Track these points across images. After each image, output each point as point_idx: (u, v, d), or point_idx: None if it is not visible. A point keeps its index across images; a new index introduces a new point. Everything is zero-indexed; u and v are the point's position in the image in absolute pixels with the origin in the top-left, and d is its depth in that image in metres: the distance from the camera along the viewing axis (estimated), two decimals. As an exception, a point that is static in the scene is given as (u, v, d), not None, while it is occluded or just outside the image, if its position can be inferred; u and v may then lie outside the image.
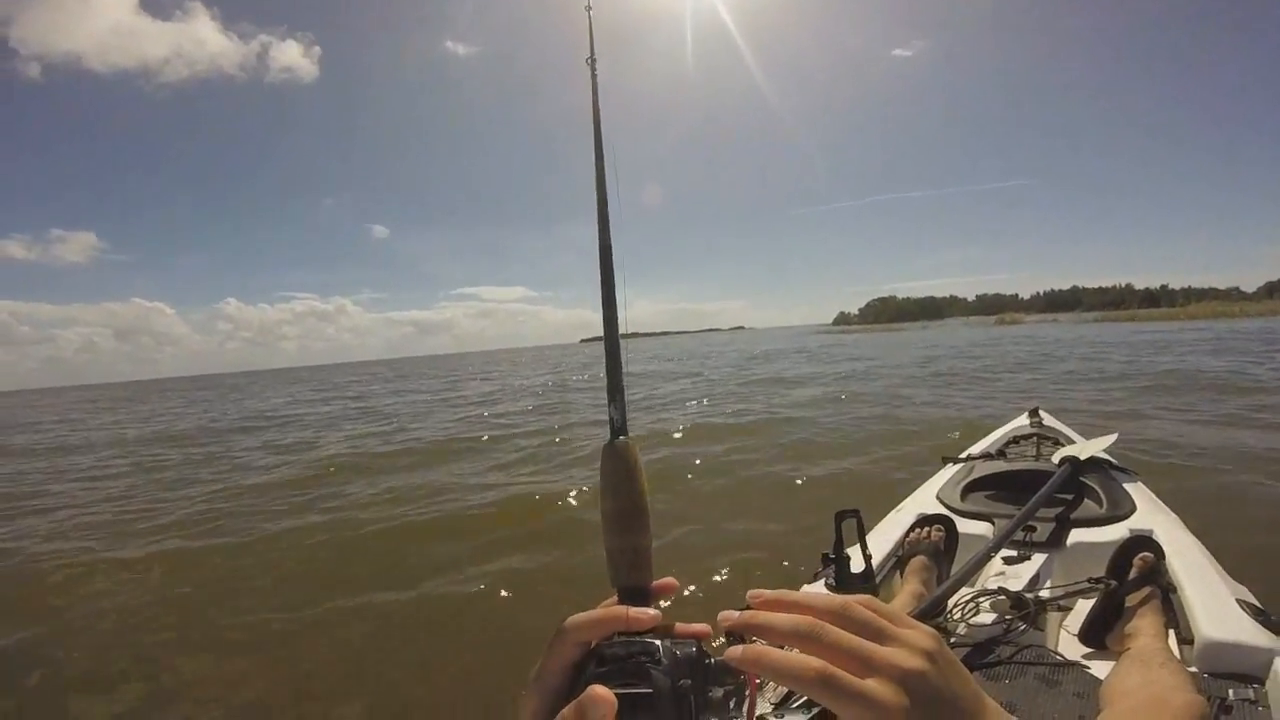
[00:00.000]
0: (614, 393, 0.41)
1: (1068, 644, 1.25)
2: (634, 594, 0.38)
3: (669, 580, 0.40)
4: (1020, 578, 1.44)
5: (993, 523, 1.72)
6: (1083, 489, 1.90)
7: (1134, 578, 1.23)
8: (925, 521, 1.68)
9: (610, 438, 0.40)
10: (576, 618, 0.35)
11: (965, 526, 1.69)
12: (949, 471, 2.27)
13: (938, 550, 1.55)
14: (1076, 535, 1.62)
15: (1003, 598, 1.30)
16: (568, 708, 0.31)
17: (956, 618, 1.27)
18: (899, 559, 1.58)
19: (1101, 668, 1.08)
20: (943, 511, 1.80)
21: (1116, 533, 1.55)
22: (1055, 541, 1.61)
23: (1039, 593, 1.35)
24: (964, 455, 2.44)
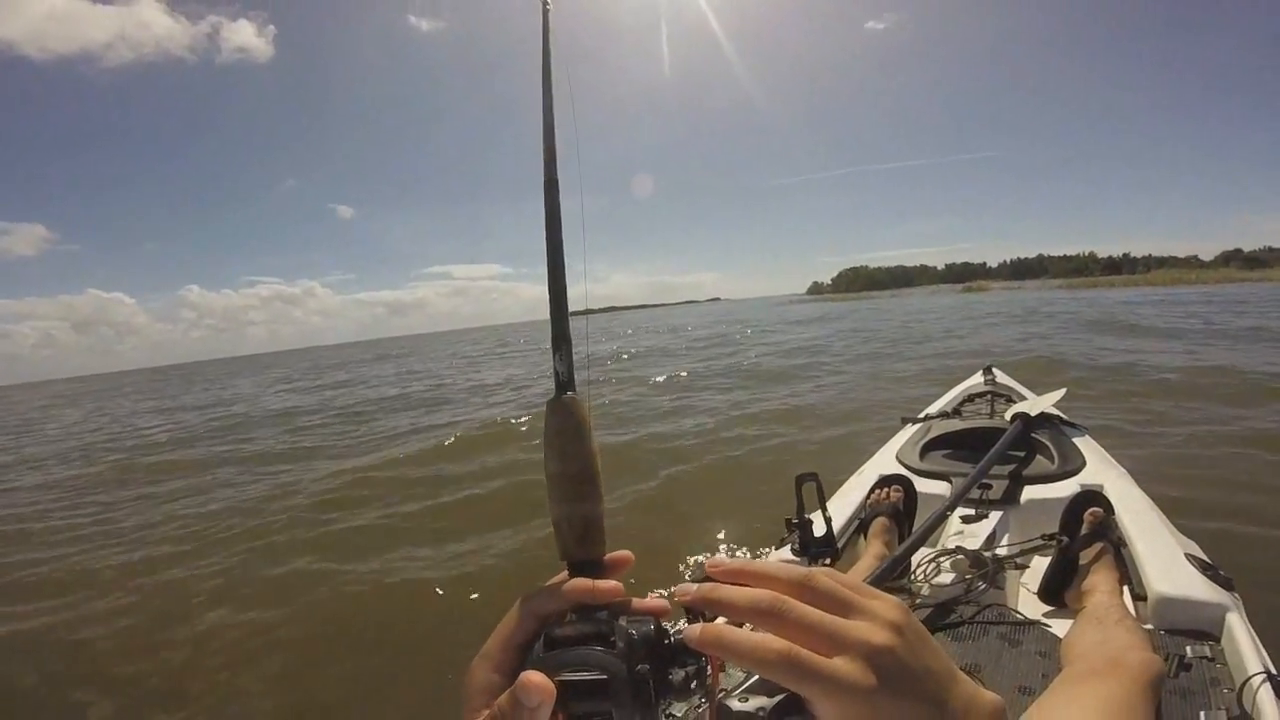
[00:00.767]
0: (559, 342, 0.35)
1: (1027, 601, 1.26)
2: (585, 568, 0.33)
3: (624, 554, 0.35)
4: (978, 536, 1.44)
5: (950, 481, 1.73)
6: (1034, 445, 1.92)
7: (1085, 534, 1.24)
8: (885, 482, 1.67)
9: (555, 393, 0.35)
10: (532, 591, 0.32)
11: (924, 486, 1.70)
12: (908, 432, 2.27)
13: (898, 510, 1.55)
14: (1030, 492, 1.64)
15: (961, 557, 1.30)
16: (504, 695, 0.27)
17: (919, 578, 1.26)
18: (862, 521, 1.58)
19: (1061, 625, 1.08)
20: (902, 472, 1.80)
21: (1068, 488, 1.56)
22: (1010, 498, 1.63)
23: (996, 550, 1.35)
24: (922, 415, 2.45)
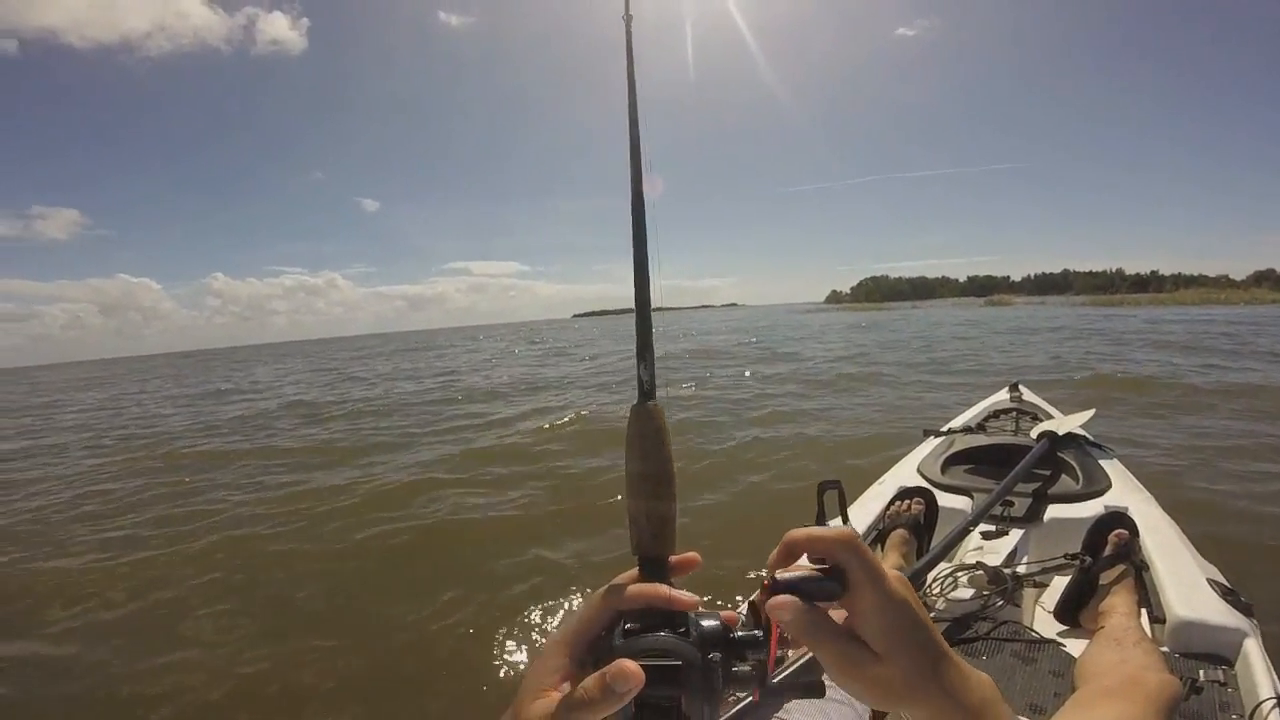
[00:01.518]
0: (643, 352, 0.39)
1: (1043, 620, 1.26)
2: (655, 564, 0.37)
3: (693, 555, 0.39)
4: (998, 553, 1.45)
5: (972, 497, 1.73)
6: (1060, 464, 1.90)
7: (1108, 555, 1.24)
8: (906, 494, 1.68)
9: (639, 400, 0.39)
10: (619, 587, 0.35)
11: (945, 500, 1.70)
12: (930, 445, 2.27)
13: (918, 523, 1.56)
14: (1053, 511, 1.63)
15: (980, 573, 1.31)
16: (591, 678, 0.30)
17: (936, 592, 1.27)
18: (880, 532, 1.58)
19: (1076, 645, 1.08)
20: (923, 485, 1.80)
21: (1092, 509, 1.56)
22: (1032, 516, 1.62)
23: (1016, 568, 1.35)
24: (945, 429, 2.44)
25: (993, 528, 1.58)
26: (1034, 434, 2.09)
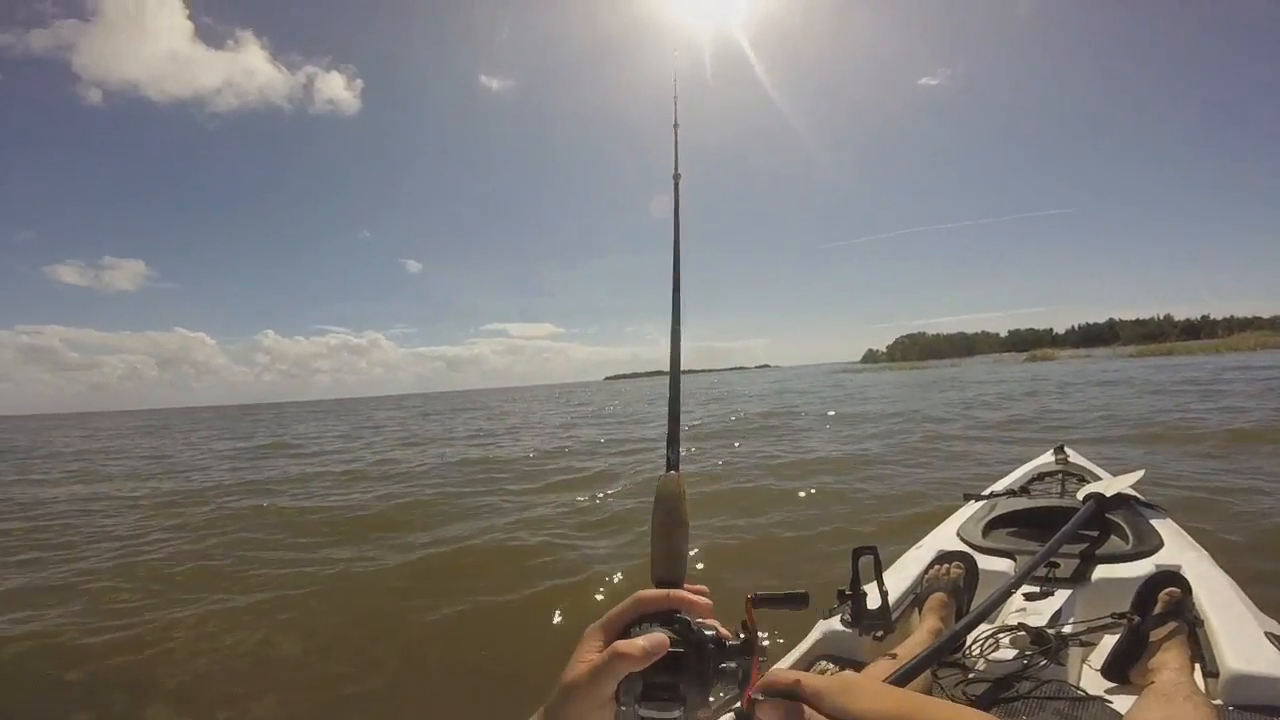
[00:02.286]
0: (672, 437, 0.56)
1: (1090, 679, 1.23)
2: (670, 587, 0.47)
3: (700, 588, 0.47)
4: (1042, 614, 1.42)
5: (1015, 559, 1.70)
6: (1108, 525, 1.86)
7: (1159, 612, 1.21)
8: (945, 558, 1.66)
9: (665, 470, 0.55)
10: (650, 591, 0.45)
11: (986, 563, 1.67)
12: (971, 509, 2.24)
13: (957, 587, 1.54)
14: (1101, 571, 1.59)
15: (1023, 633, 1.29)
16: (635, 639, 0.40)
17: (975, 654, 1.26)
18: (917, 596, 1.57)
19: (1123, 703, 1.06)
20: (963, 548, 1.77)
21: (1142, 568, 1.52)
22: (1079, 578, 1.58)
23: (1061, 629, 1.32)
24: (986, 492, 2.41)
25: (1037, 589, 1.54)
26: (1080, 495, 2.05)
